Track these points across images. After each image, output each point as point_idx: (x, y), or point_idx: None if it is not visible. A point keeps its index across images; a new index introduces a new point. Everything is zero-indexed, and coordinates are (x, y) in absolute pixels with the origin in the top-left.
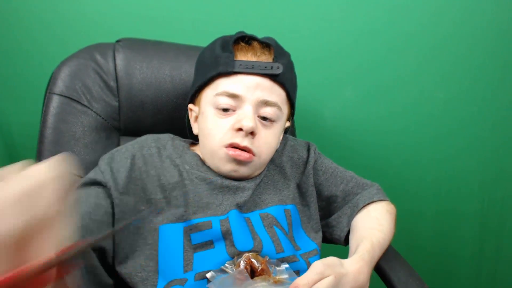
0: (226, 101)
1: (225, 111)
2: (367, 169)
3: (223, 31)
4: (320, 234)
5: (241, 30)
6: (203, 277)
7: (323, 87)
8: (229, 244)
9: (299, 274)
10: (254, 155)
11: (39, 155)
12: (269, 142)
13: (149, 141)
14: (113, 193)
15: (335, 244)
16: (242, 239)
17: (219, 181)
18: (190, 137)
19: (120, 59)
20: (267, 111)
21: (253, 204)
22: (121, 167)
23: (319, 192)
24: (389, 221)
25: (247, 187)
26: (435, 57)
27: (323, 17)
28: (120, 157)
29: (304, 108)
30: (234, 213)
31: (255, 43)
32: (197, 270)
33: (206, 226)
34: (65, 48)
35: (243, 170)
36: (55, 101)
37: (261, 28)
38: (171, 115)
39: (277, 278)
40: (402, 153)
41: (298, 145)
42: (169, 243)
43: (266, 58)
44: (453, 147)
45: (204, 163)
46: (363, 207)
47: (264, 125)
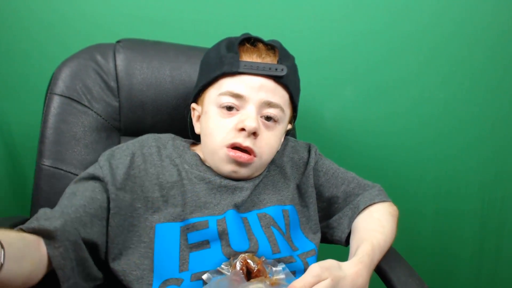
0: (229, 101)
1: (229, 109)
2: (367, 169)
3: (223, 31)
4: (318, 235)
5: (241, 30)
6: (199, 278)
7: (323, 87)
8: (225, 244)
9: (295, 274)
10: (255, 155)
11: (40, 155)
12: (270, 143)
13: (149, 140)
14: (110, 188)
15: (336, 244)
16: (238, 240)
17: (218, 180)
18: (191, 137)
19: (120, 60)
20: (270, 112)
21: (251, 204)
22: (120, 163)
23: (320, 193)
24: (390, 223)
25: (245, 187)
26: (435, 57)
27: (323, 18)
28: (120, 154)
29: (304, 108)
30: (231, 213)
31: (260, 45)
32: (193, 270)
33: (203, 225)
34: (66, 48)
35: (243, 171)
36: (56, 102)
37: (261, 28)
38: (171, 115)
39: (274, 279)
40: (402, 153)
41: (299, 146)
42: (165, 242)
43: (270, 60)
44: (453, 147)
45: (204, 163)
46: (364, 208)
47: (266, 126)
